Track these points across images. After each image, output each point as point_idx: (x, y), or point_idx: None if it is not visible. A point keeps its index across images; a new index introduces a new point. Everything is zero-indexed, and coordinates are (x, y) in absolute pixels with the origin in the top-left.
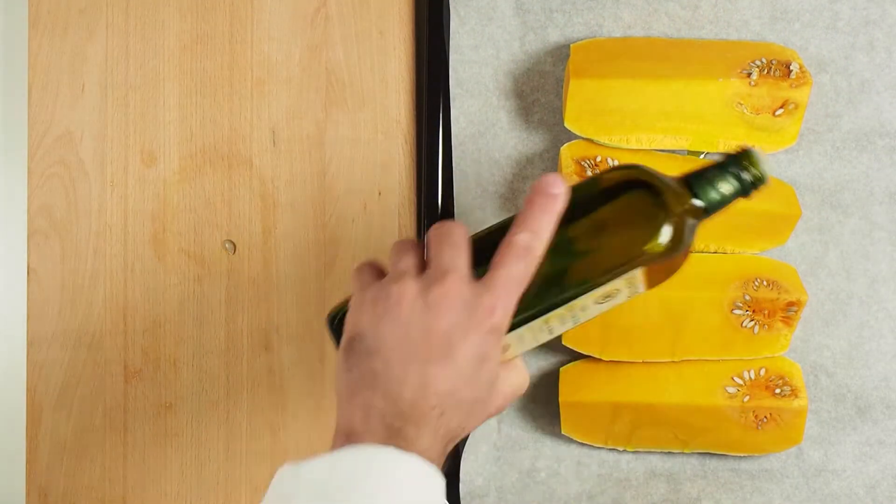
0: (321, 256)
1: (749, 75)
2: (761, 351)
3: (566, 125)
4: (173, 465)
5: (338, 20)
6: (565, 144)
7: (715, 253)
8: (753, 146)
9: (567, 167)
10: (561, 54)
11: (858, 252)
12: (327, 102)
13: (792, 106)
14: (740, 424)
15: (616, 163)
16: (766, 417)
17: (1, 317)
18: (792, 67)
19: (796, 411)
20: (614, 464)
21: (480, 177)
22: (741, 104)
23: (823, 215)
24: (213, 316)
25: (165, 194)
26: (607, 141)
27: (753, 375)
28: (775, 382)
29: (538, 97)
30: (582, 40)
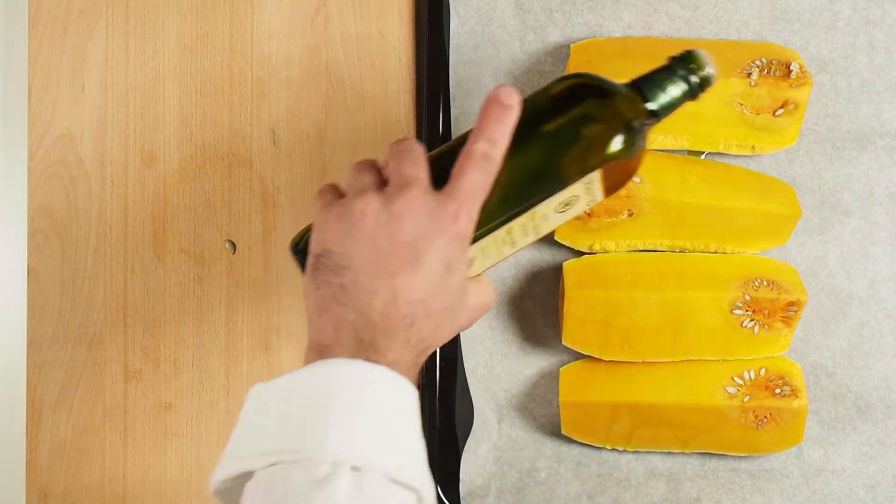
0: None
1: (749, 75)
2: (761, 351)
3: None
4: (173, 466)
5: (338, 20)
6: None
7: (715, 253)
8: (698, 48)
9: None
10: (561, 54)
11: (858, 252)
12: (327, 102)
13: (792, 106)
14: (740, 424)
15: None
16: (766, 417)
17: (1, 317)
18: (792, 67)
19: (796, 411)
20: (614, 464)
21: None
22: (741, 104)
23: (823, 215)
24: (213, 316)
25: (165, 194)
26: None
27: (753, 375)
28: (775, 382)
29: None
30: (582, 40)
